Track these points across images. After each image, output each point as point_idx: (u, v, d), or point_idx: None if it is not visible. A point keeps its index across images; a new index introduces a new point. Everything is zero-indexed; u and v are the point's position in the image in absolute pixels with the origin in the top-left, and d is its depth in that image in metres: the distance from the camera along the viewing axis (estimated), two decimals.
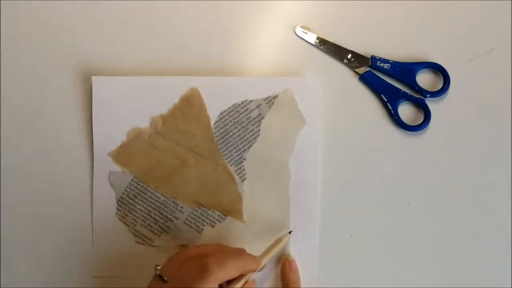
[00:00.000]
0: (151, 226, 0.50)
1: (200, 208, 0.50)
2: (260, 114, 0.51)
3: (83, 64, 0.53)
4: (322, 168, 0.51)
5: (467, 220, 0.50)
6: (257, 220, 0.50)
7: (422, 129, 0.51)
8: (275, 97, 0.51)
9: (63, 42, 0.53)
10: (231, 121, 0.51)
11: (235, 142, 0.51)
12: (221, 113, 0.51)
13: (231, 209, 0.50)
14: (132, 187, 0.51)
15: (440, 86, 0.52)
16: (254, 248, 0.49)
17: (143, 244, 0.50)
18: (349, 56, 0.53)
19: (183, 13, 0.53)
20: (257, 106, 0.51)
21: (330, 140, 0.51)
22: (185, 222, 0.50)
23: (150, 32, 0.53)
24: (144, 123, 0.51)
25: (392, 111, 0.51)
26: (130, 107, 0.51)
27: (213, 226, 0.50)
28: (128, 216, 0.50)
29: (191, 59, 0.52)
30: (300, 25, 0.53)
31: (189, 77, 0.51)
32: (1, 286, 0.49)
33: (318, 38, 0.53)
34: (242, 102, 0.51)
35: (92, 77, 0.51)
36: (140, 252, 0.50)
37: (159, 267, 0.42)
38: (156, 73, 0.52)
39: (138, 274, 0.49)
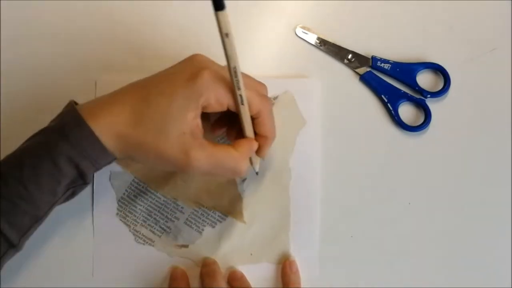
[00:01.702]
0: (152, 227, 0.50)
1: (200, 208, 0.50)
2: None
3: (85, 63, 0.53)
4: (322, 168, 0.51)
5: (467, 220, 0.50)
6: (257, 220, 0.50)
7: (422, 129, 0.51)
8: (275, 98, 0.51)
9: (65, 42, 0.53)
10: None
11: None
12: None
13: (232, 209, 0.50)
14: (132, 188, 0.51)
15: (440, 86, 0.52)
16: (254, 248, 0.50)
17: (143, 244, 0.50)
18: (350, 56, 0.53)
19: (183, 13, 0.53)
20: None
21: (330, 140, 0.51)
22: (185, 223, 0.50)
23: (150, 32, 0.53)
24: None
25: (392, 111, 0.51)
26: None
27: (213, 227, 0.50)
28: (128, 216, 0.50)
29: None
30: (300, 25, 0.53)
31: None
32: (1, 286, 0.49)
33: (318, 38, 0.53)
34: None
35: (96, 77, 0.51)
36: (141, 252, 0.50)
37: None
38: None
39: (138, 274, 0.49)
